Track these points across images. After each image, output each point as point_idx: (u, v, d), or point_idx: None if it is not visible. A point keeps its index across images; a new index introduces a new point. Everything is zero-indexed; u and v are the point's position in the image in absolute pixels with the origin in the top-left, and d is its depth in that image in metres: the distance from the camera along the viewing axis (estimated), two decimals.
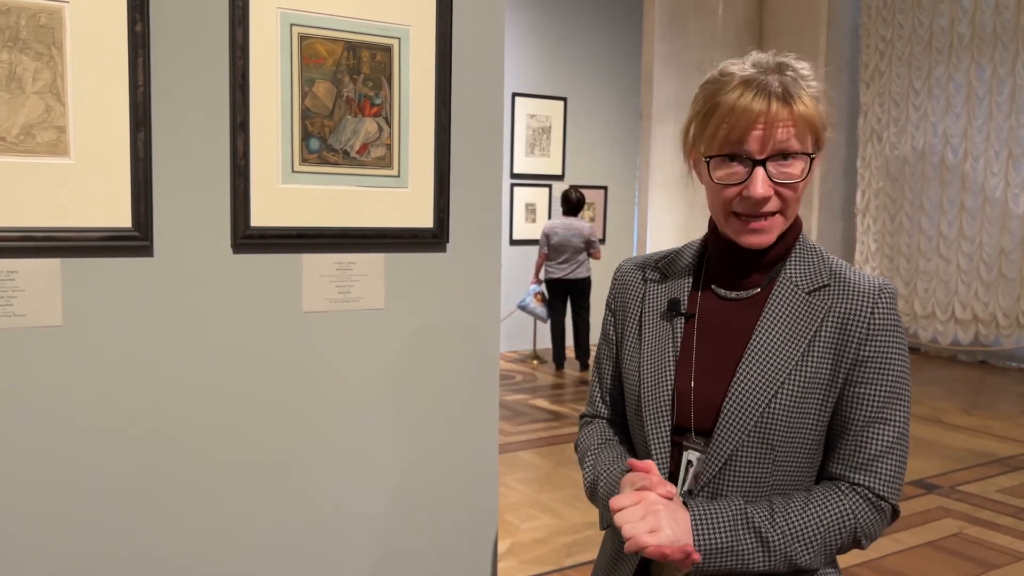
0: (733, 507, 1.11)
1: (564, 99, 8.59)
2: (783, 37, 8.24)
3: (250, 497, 1.51)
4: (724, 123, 1.11)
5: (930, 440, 5.32)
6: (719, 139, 1.12)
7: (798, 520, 1.11)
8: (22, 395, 1.32)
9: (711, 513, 1.10)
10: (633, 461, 1.13)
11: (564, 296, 7.37)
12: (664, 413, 1.20)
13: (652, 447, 1.20)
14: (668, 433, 1.19)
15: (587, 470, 1.30)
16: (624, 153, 8.94)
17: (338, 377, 1.57)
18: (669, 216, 7.70)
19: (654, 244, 7.70)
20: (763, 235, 1.15)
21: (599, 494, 1.25)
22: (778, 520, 1.10)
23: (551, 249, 7.17)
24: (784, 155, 1.11)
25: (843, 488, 1.13)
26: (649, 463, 1.12)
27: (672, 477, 1.20)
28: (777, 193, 1.12)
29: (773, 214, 1.14)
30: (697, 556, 1.06)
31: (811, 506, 1.12)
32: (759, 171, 1.11)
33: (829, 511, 1.12)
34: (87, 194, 1.33)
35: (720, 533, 1.09)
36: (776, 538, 1.09)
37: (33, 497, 1.34)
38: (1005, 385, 7.12)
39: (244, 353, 1.48)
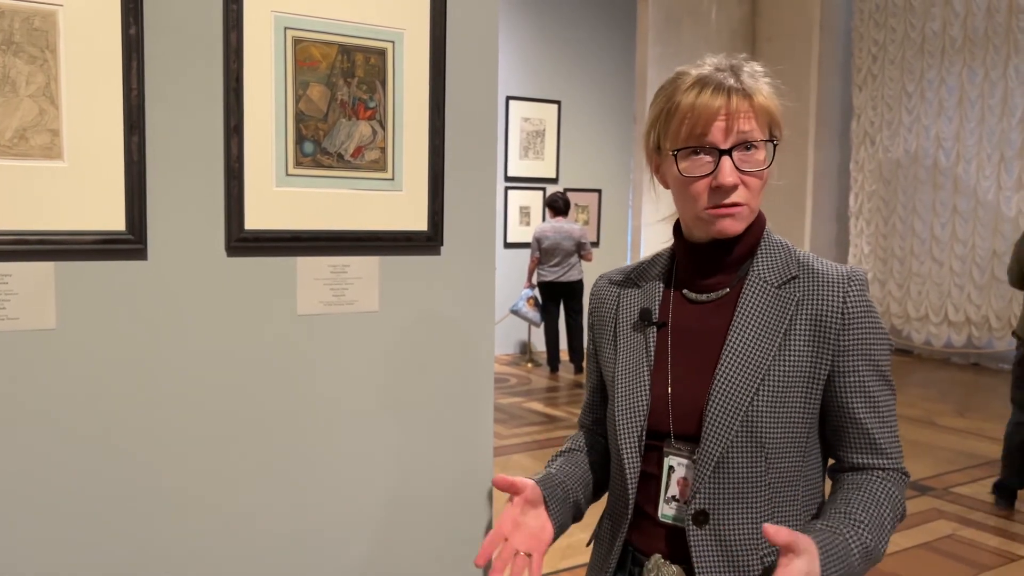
0: (842, 533, 1.11)
1: (558, 102, 8.61)
2: (776, 41, 8.27)
3: (244, 500, 1.51)
4: (687, 120, 1.14)
5: (923, 442, 5.34)
6: (683, 135, 1.15)
7: (881, 518, 1.15)
8: (15, 398, 1.32)
9: (831, 549, 1.08)
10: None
11: (557, 299, 7.38)
12: (637, 420, 1.21)
13: (624, 453, 1.21)
14: (639, 439, 1.20)
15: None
16: (618, 156, 8.96)
17: (332, 380, 1.57)
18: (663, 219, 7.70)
19: (648, 247, 7.71)
20: (736, 220, 1.16)
21: None
22: (871, 529, 1.13)
23: (543, 253, 7.19)
24: (748, 144, 1.14)
25: (883, 476, 1.18)
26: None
27: (647, 483, 1.22)
28: (744, 183, 1.15)
29: (743, 204, 1.16)
30: None
31: (881, 503, 1.16)
32: (726, 160, 1.13)
33: (893, 503, 1.17)
34: (81, 197, 1.33)
35: (840, 564, 1.08)
36: (873, 544, 1.12)
37: (26, 501, 1.34)
38: (998, 387, 7.14)
39: (238, 356, 1.48)
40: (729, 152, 1.13)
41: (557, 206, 7.21)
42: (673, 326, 1.23)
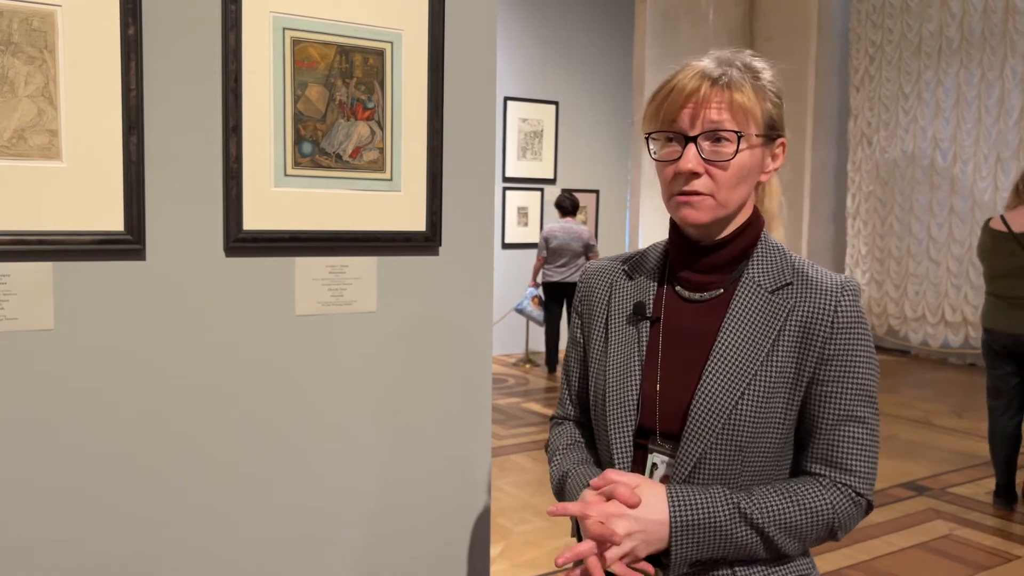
0: (712, 488, 1.13)
1: (556, 103, 8.61)
2: (773, 41, 8.28)
3: (243, 499, 1.51)
4: (664, 103, 1.16)
5: (920, 442, 5.34)
6: (659, 119, 1.17)
7: (778, 503, 1.12)
8: (13, 399, 1.32)
9: (689, 492, 1.12)
10: (595, 482, 1.15)
11: (561, 299, 7.37)
12: (628, 416, 1.20)
13: (615, 450, 1.20)
14: (631, 436, 1.20)
15: (554, 469, 1.33)
16: (616, 157, 8.96)
17: (330, 380, 1.57)
18: (661, 219, 7.70)
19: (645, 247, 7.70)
20: (694, 209, 1.15)
21: (566, 494, 1.27)
22: (756, 499, 1.12)
23: (550, 252, 7.18)
24: (716, 134, 1.13)
25: (825, 483, 1.15)
26: (610, 479, 1.14)
27: None
28: (709, 173, 1.14)
29: (705, 195, 1.15)
30: (650, 569, 1.10)
31: (792, 494, 1.13)
32: (690, 147, 1.13)
33: (811, 502, 1.13)
34: (79, 197, 1.33)
35: (698, 510, 1.10)
36: (757, 515, 1.10)
37: (24, 500, 1.34)
38: None
39: (237, 356, 1.48)
40: (695, 139, 1.13)
41: (565, 207, 7.22)
42: (665, 323, 1.23)
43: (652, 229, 7.82)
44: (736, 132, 1.13)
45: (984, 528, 3.91)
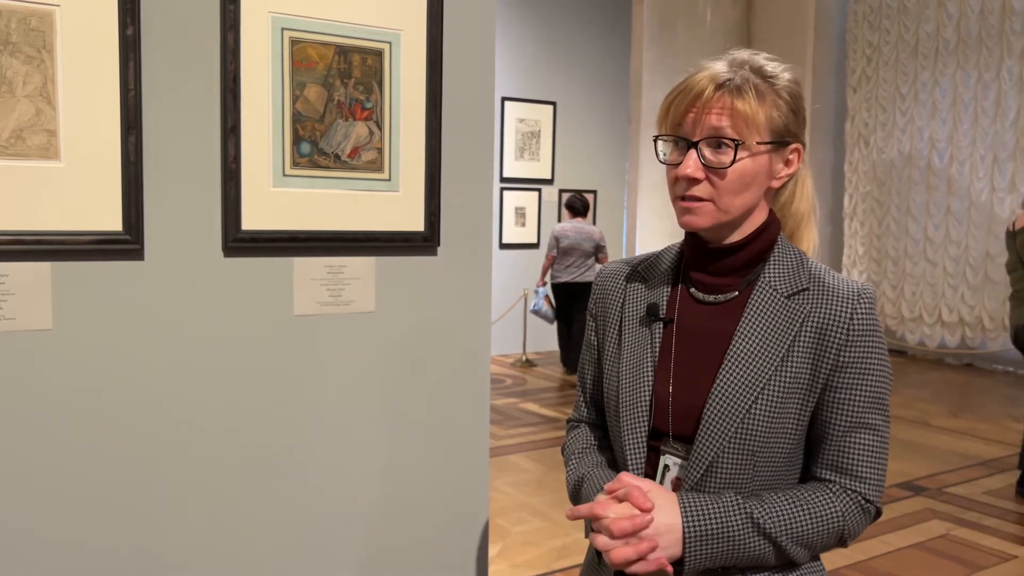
0: (724, 496, 1.12)
1: (554, 103, 8.62)
2: (771, 42, 8.28)
3: (241, 499, 1.51)
4: (671, 105, 1.15)
5: (917, 442, 5.35)
6: (667, 121, 1.17)
7: (790, 512, 1.12)
8: (12, 399, 1.32)
9: (701, 502, 1.11)
10: (610, 486, 1.15)
11: (569, 300, 7.36)
12: (641, 418, 1.20)
13: (628, 452, 1.20)
14: (644, 438, 1.20)
15: (570, 472, 1.32)
16: (613, 157, 8.97)
17: (329, 380, 1.57)
18: (658, 220, 7.72)
19: (643, 248, 7.71)
20: (693, 216, 1.15)
21: (581, 498, 1.27)
22: (767, 508, 1.11)
23: (560, 252, 7.17)
24: (717, 140, 1.12)
25: (835, 490, 1.14)
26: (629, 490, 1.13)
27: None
28: (709, 179, 1.13)
29: (705, 200, 1.14)
30: (669, 568, 1.08)
31: (803, 502, 1.13)
32: (691, 152, 1.13)
33: (821, 510, 1.13)
34: (78, 197, 1.33)
35: (711, 520, 1.10)
36: (769, 524, 1.10)
37: (24, 500, 1.34)
38: (991, 388, 7.17)
39: (235, 356, 1.48)
40: (696, 144, 1.13)
41: (575, 207, 7.23)
42: (679, 324, 1.22)
43: (650, 230, 7.82)
44: (735, 140, 1.12)
45: (981, 528, 3.92)
